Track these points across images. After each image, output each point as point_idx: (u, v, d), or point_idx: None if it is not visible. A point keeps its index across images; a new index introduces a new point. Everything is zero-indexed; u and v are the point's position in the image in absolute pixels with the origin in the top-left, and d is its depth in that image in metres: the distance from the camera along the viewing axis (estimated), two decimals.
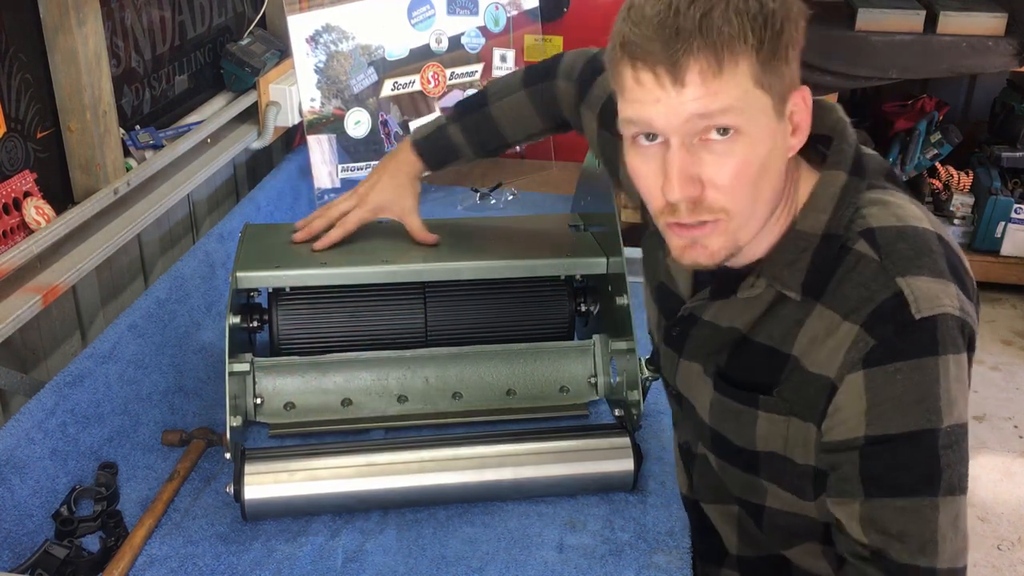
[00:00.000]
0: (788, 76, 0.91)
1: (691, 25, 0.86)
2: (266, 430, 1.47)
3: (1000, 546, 2.41)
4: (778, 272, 0.98)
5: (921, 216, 0.98)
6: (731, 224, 0.94)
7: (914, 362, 0.91)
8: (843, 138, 1.01)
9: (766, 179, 0.94)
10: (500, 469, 1.33)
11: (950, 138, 3.37)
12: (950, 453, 0.92)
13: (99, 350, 1.47)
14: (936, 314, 0.91)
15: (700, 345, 1.09)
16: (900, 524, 0.93)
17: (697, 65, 0.87)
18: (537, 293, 1.58)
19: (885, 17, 3.07)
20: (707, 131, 0.90)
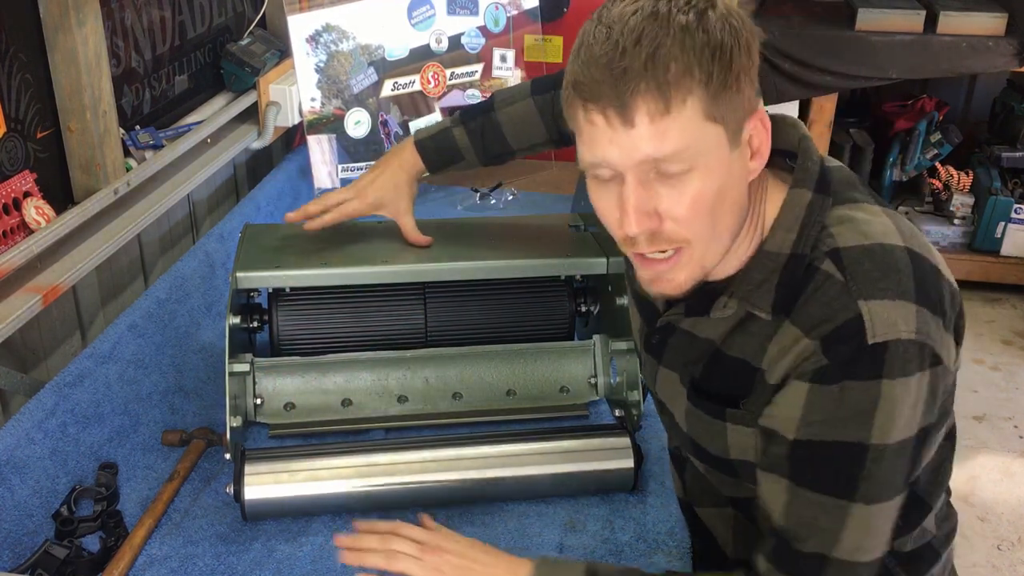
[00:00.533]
0: (743, 103, 0.92)
1: (638, 65, 0.87)
2: (266, 430, 1.47)
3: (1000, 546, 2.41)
4: (748, 293, 1.00)
5: (890, 230, 0.98)
6: (694, 253, 0.97)
7: (858, 383, 0.93)
8: (807, 156, 1.01)
9: (724, 207, 0.95)
10: (500, 469, 1.33)
11: (950, 138, 3.37)
12: (875, 466, 0.95)
13: (99, 350, 1.47)
14: (889, 340, 0.92)
15: (678, 354, 1.10)
16: (812, 517, 0.98)
17: (645, 105, 0.88)
18: (537, 293, 1.58)
19: (885, 17, 3.07)
20: (661, 166, 0.91)
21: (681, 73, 0.87)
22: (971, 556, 2.36)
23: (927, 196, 3.52)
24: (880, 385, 0.92)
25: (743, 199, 0.97)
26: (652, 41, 0.87)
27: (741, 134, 0.93)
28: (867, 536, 0.98)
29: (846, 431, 0.94)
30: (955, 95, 3.69)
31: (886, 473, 0.96)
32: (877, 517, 0.98)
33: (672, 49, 0.87)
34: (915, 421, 0.96)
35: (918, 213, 3.50)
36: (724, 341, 1.04)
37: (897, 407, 0.93)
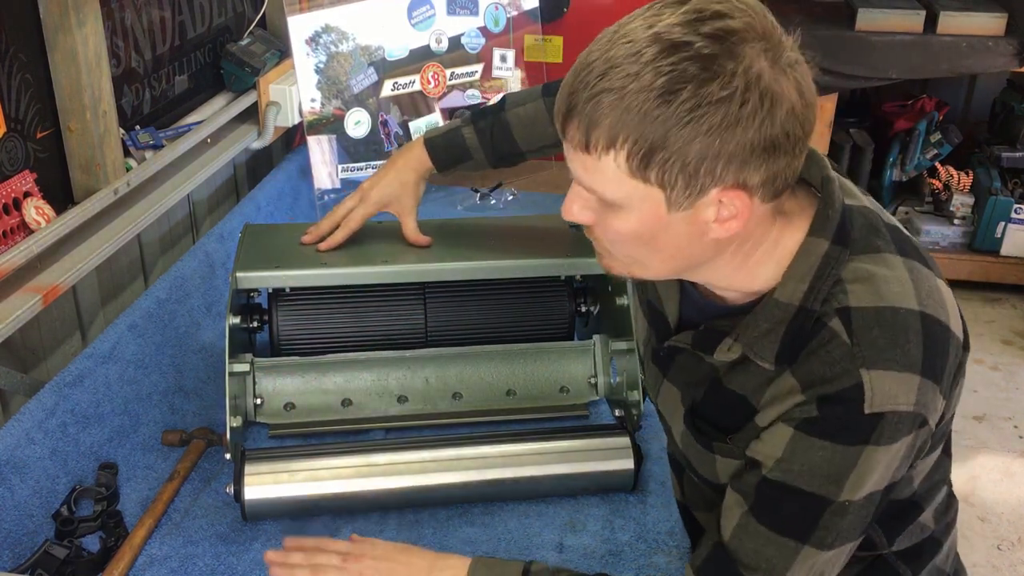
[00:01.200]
0: (702, 175, 0.87)
1: (581, 98, 0.88)
2: (266, 430, 1.47)
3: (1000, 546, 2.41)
4: (753, 342, 0.98)
5: (906, 290, 0.95)
6: (620, 262, 1.00)
7: (840, 447, 0.93)
8: (829, 202, 0.97)
9: (658, 247, 0.94)
10: (500, 469, 1.33)
11: (950, 138, 3.37)
12: (835, 519, 0.96)
13: (99, 350, 1.47)
14: (886, 411, 0.92)
15: (682, 373, 1.10)
16: (761, 547, 0.99)
17: (573, 135, 0.90)
18: (537, 293, 1.58)
19: (885, 17, 3.07)
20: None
21: (611, 125, 0.86)
22: (971, 556, 2.35)
23: (927, 196, 3.52)
24: (864, 450, 0.93)
25: (692, 249, 0.94)
26: (606, 84, 0.86)
27: (694, 200, 0.89)
28: (811, 573, 0.99)
29: (818, 485, 0.95)
30: (955, 95, 3.69)
31: (844, 524, 0.97)
32: (826, 561, 0.99)
33: (615, 107, 0.85)
34: (886, 478, 0.97)
35: (918, 213, 3.50)
36: (725, 374, 1.03)
37: (873, 470, 0.94)
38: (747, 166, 0.87)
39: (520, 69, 2.24)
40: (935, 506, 1.14)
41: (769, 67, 0.85)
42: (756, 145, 0.86)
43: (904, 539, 1.13)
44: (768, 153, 0.87)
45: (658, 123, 0.84)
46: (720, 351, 1.01)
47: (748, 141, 0.85)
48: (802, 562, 0.98)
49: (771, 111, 0.85)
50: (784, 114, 0.86)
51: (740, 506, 1.00)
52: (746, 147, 0.86)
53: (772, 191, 0.91)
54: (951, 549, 1.20)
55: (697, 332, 1.05)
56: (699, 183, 0.87)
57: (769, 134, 0.86)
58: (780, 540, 0.98)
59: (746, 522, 1.00)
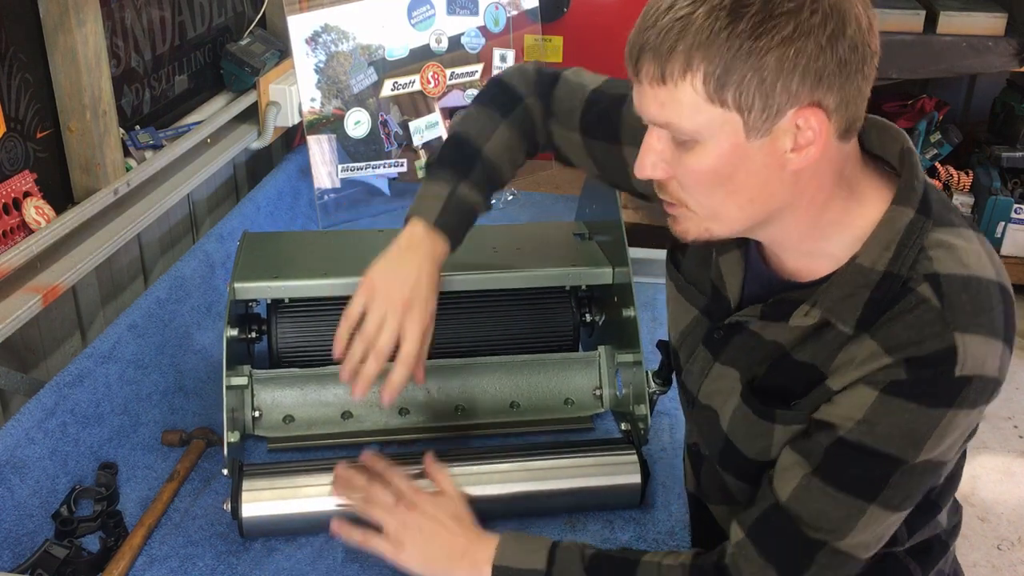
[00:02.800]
0: (778, 94, 0.87)
1: (653, 32, 0.89)
2: (264, 443, 1.45)
3: (1000, 546, 2.41)
4: (834, 305, 0.97)
5: (986, 263, 0.96)
6: (696, 217, 0.98)
7: (927, 410, 0.93)
8: (913, 173, 0.97)
9: (735, 188, 0.93)
10: (504, 485, 1.30)
11: (950, 138, 3.37)
12: (906, 478, 0.96)
13: (99, 350, 1.47)
14: (975, 375, 0.92)
15: (741, 353, 1.09)
16: (826, 507, 0.98)
17: (646, 68, 0.91)
18: (541, 304, 1.55)
19: (885, 17, 3.07)
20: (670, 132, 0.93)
21: (686, 49, 0.87)
22: (971, 556, 2.35)
23: None
24: (947, 413, 0.93)
25: (770, 188, 0.93)
26: (674, 14, 0.87)
27: (772, 124, 0.89)
28: (872, 535, 0.99)
29: (896, 446, 0.94)
30: (955, 95, 3.69)
31: (911, 486, 0.97)
32: (887, 521, 0.98)
33: (686, 32, 0.87)
34: (957, 446, 0.98)
35: None
36: (795, 346, 1.02)
37: (951, 432, 0.94)
38: (821, 84, 0.87)
39: None
40: (948, 507, 1.15)
41: None
42: (829, 59, 0.86)
43: (919, 535, 1.13)
44: (840, 70, 0.87)
45: (730, 41, 0.85)
46: (796, 317, 1.00)
47: (821, 54, 0.86)
48: (867, 522, 0.97)
49: (841, 22, 0.86)
50: (854, 27, 0.87)
51: (803, 467, 0.99)
52: (819, 60, 0.86)
53: (846, 121, 0.91)
54: (953, 552, 1.21)
55: (766, 304, 1.04)
56: (775, 102, 0.88)
57: (840, 47, 0.86)
58: (848, 500, 0.97)
59: (810, 483, 0.98)
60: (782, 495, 1.00)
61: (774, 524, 1.01)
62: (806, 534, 0.99)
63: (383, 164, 2.13)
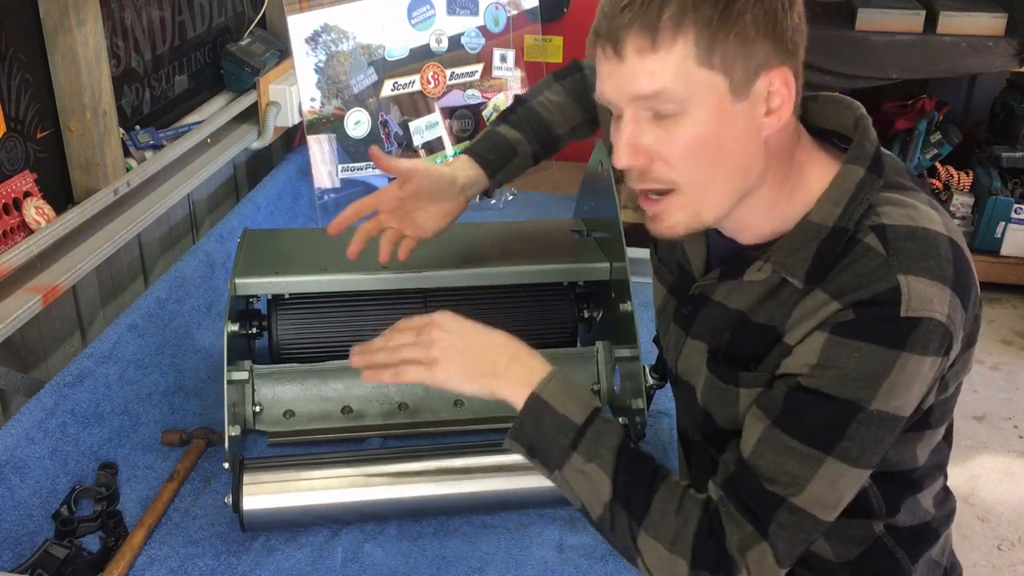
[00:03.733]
0: (754, 56, 0.92)
1: (636, 7, 0.91)
2: (265, 438, 1.46)
3: (1000, 546, 2.41)
4: (784, 259, 1.00)
5: (935, 219, 0.98)
6: (686, 199, 0.98)
7: (876, 348, 0.94)
8: (865, 135, 1.01)
9: (720, 156, 0.95)
10: (503, 479, 1.31)
11: (950, 138, 3.37)
12: (863, 429, 0.96)
13: (99, 350, 1.47)
14: (922, 316, 0.93)
15: (708, 324, 1.11)
16: (783, 459, 0.98)
17: (633, 42, 0.92)
18: (539, 299, 1.56)
19: (885, 17, 3.07)
20: (654, 106, 0.94)
21: (673, 15, 0.89)
22: (971, 556, 2.35)
23: None
24: (899, 356, 0.93)
25: (749, 153, 0.97)
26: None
27: (750, 86, 0.93)
28: (829, 493, 0.98)
29: (851, 390, 0.95)
30: (955, 95, 3.69)
31: (868, 439, 0.96)
32: (845, 477, 0.98)
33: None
34: (913, 401, 0.98)
35: None
36: (753, 308, 1.05)
37: (904, 380, 0.94)
38: (785, 47, 0.93)
39: (520, 69, 2.24)
40: (934, 492, 1.15)
41: None
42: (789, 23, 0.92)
43: (902, 517, 1.13)
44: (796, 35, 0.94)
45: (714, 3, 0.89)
46: (750, 272, 1.03)
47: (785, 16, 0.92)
48: (824, 476, 0.97)
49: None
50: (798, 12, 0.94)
51: (762, 420, 1.00)
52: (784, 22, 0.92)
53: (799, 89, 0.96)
54: (947, 542, 1.21)
55: (724, 266, 1.07)
56: (753, 63, 0.92)
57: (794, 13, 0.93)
58: (804, 450, 0.97)
59: (769, 434, 0.99)
60: (746, 450, 1.01)
61: (740, 480, 1.01)
62: (765, 488, 0.99)
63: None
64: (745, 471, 1.00)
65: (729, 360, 1.08)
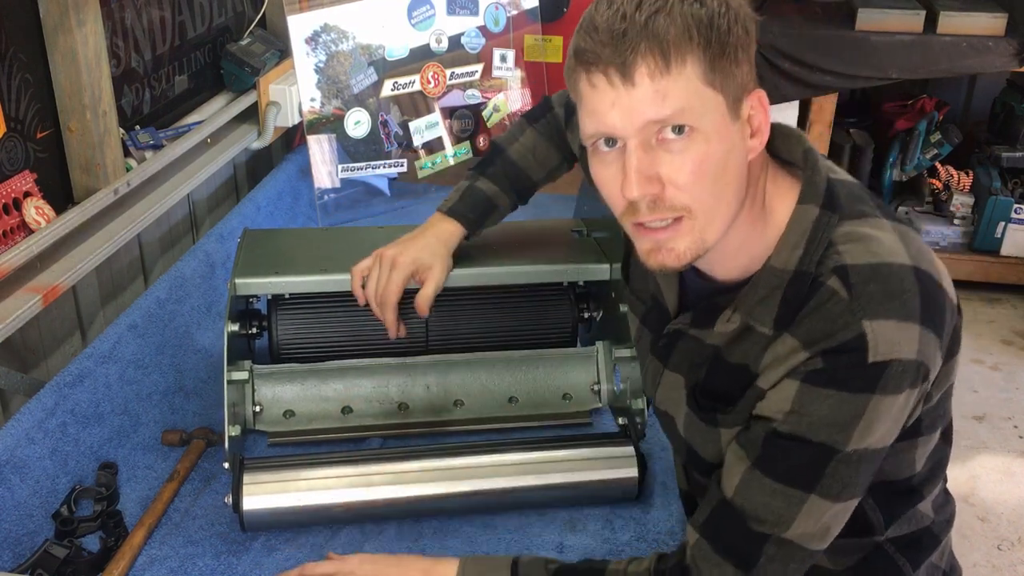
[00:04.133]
0: (740, 77, 0.94)
1: (638, 27, 0.90)
2: (265, 438, 1.46)
3: (1000, 546, 2.41)
4: (751, 309, 1.01)
5: (897, 248, 0.98)
6: (695, 223, 0.97)
7: (847, 395, 0.95)
8: (814, 170, 1.01)
9: (726, 177, 0.96)
10: (502, 479, 1.32)
11: (950, 138, 3.37)
12: (841, 467, 0.97)
13: (99, 350, 1.47)
14: (890, 359, 0.93)
15: (685, 358, 1.11)
16: (768, 499, 0.99)
17: (645, 64, 0.90)
18: (539, 299, 1.56)
19: (885, 17, 3.07)
20: (663, 130, 0.93)
21: (679, 35, 0.90)
22: (971, 556, 2.35)
23: (927, 196, 3.52)
24: (870, 399, 0.95)
25: (743, 176, 0.98)
26: (652, 7, 0.90)
27: (740, 108, 0.95)
28: (816, 526, 1.00)
29: (825, 434, 0.96)
30: (955, 95, 3.69)
31: (848, 475, 0.98)
32: (829, 511, 0.99)
33: (671, 15, 0.90)
34: (891, 433, 0.99)
35: (918, 213, 3.49)
36: (727, 347, 1.05)
37: (879, 419, 0.96)
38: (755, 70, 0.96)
39: (520, 69, 2.24)
40: (933, 497, 1.15)
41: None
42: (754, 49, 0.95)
43: (902, 525, 1.13)
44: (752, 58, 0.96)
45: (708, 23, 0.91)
46: (720, 322, 1.04)
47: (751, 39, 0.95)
48: (808, 512, 0.99)
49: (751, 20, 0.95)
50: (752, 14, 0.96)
51: (743, 461, 1.01)
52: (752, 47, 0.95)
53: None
54: (947, 546, 1.21)
55: (696, 311, 1.08)
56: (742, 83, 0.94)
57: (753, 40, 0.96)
58: (787, 491, 0.98)
59: (751, 476, 1.00)
60: (728, 491, 1.03)
61: (723, 520, 1.03)
62: (752, 528, 1.00)
63: (383, 164, 2.13)
64: (729, 512, 1.02)
65: (707, 396, 1.08)
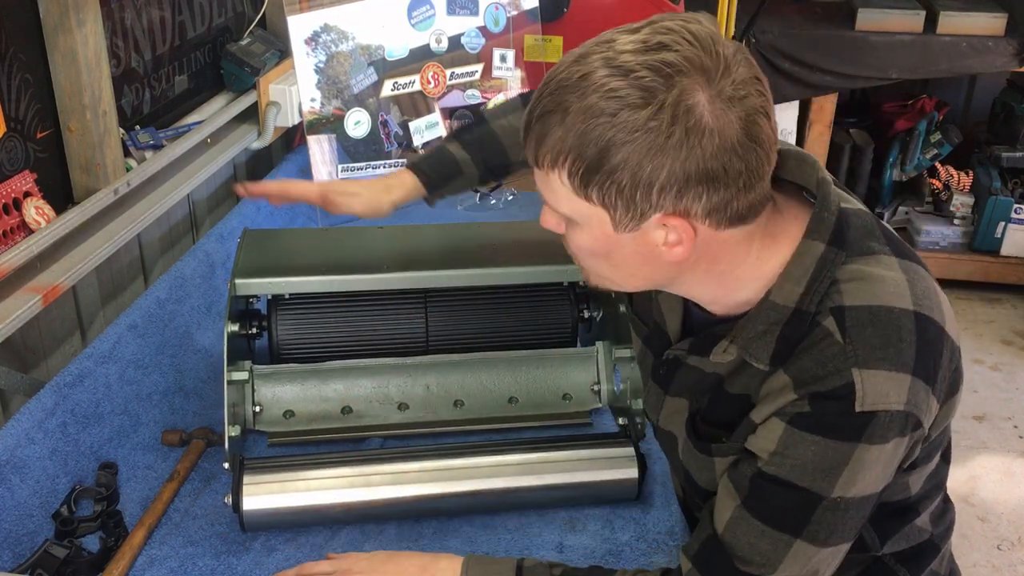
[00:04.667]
0: (639, 204, 0.89)
1: (533, 118, 0.91)
2: (265, 438, 1.46)
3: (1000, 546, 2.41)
4: (748, 343, 0.99)
5: (901, 290, 0.96)
6: (592, 274, 1.02)
7: (831, 442, 0.94)
8: (824, 204, 0.98)
9: (616, 265, 0.97)
10: (502, 480, 1.31)
11: (950, 138, 3.37)
12: (828, 514, 0.97)
13: (99, 350, 1.47)
14: (877, 410, 0.92)
15: (686, 385, 1.11)
16: (755, 540, 0.99)
17: (528, 149, 0.93)
18: (539, 299, 1.56)
19: (885, 17, 3.07)
20: None
21: (551, 148, 0.90)
22: (971, 556, 2.36)
23: (927, 196, 3.52)
24: (856, 448, 0.93)
25: (649, 270, 0.97)
26: (554, 102, 0.89)
27: (639, 223, 0.91)
28: (804, 569, 1.00)
29: (810, 480, 0.95)
30: (955, 95, 3.69)
31: (837, 522, 0.97)
32: (821, 559, 0.99)
33: (559, 125, 0.88)
34: (880, 480, 0.98)
35: (918, 213, 3.50)
36: (728, 377, 1.04)
37: (865, 468, 0.95)
38: (684, 195, 0.88)
39: (520, 69, 2.24)
40: (931, 510, 1.14)
41: (708, 101, 0.86)
42: (689, 175, 0.87)
43: (899, 541, 1.13)
44: (705, 184, 0.88)
45: (595, 144, 0.87)
46: (716, 353, 1.02)
47: (677, 170, 0.87)
48: (795, 556, 0.98)
49: (699, 143, 0.86)
50: (715, 148, 0.86)
51: (734, 499, 1.01)
52: (676, 176, 0.87)
53: (725, 219, 0.91)
54: (947, 552, 1.21)
55: (695, 339, 1.06)
56: (638, 208, 0.90)
57: (700, 166, 0.87)
58: (774, 534, 0.98)
59: (740, 515, 1.00)
60: (719, 525, 1.03)
61: (713, 555, 1.03)
62: (739, 568, 1.01)
63: (383, 164, 2.13)
64: (718, 547, 1.02)
65: (709, 423, 1.08)
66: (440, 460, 1.33)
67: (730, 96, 0.86)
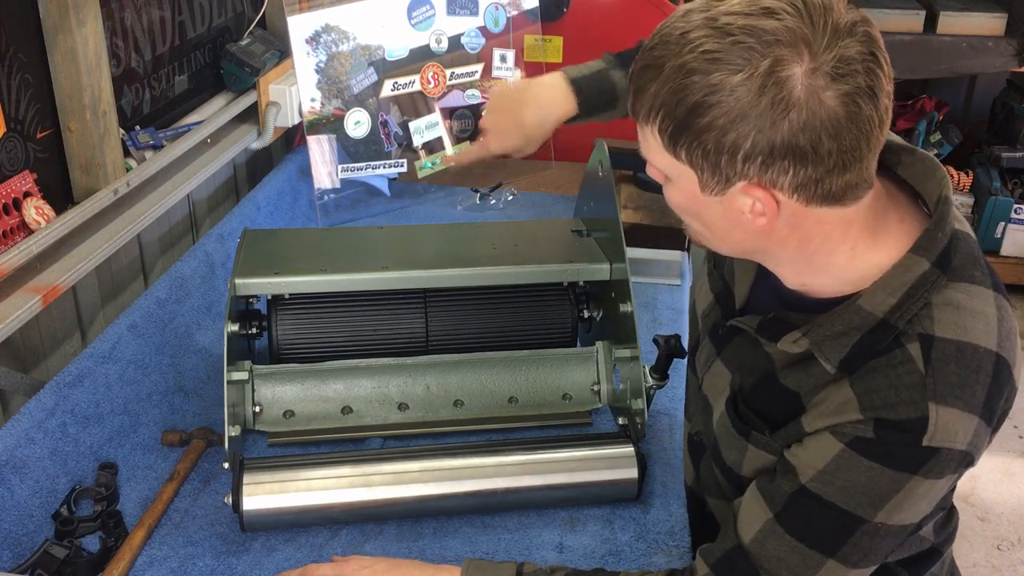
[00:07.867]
0: (724, 166, 0.88)
1: (636, 68, 0.91)
2: (265, 438, 1.46)
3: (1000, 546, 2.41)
4: (823, 341, 0.96)
5: (991, 329, 0.93)
6: (690, 229, 1.02)
7: (889, 472, 0.92)
8: (940, 224, 0.94)
9: (706, 225, 0.97)
10: (502, 480, 1.31)
11: (950, 138, 3.38)
12: (865, 539, 0.95)
13: (99, 350, 1.47)
14: (942, 447, 0.91)
15: (737, 355, 1.09)
16: (785, 555, 0.98)
17: (629, 101, 0.94)
18: (539, 299, 1.56)
19: (885, 17, 3.07)
20: None
21: (646, 102, 0.90)
22: (971, 556, 2.36)
23: None
24: (911, 479, 0.92)
25: (738, 236, 0.96)
26: (653, 57, 0.89)
27: (725, 189, 0.90)
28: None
29: (855, 504, 0.94)
30: (955, 95, 3.69)
31: (872, 546, 0.96)
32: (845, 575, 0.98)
33: (654, 79, 0.88)
34: (923, 512, 0.97)
35: None
36: (783, 368, 1.02)
37: (914, 500, 0.94)
38: (769, 166, 0.86)
39: (520, 69, 2.24)
40: (933, 521, 1.14)
41: (804, 75, 0.83)
42: (774, 146, 0.85)
43: (901, 551, 1.12)
44: (792, 159, 0.85)
45: (684, 103, 0.86)
46: (785, 341, 0.99)
47: (762, 141, 0.85)
48: (824, 573, 0.97)
49: (784, 116, 0.83)
50: (803, 123, 0.84)
51: (765, 512, 0.99)
52: (761, 146, 0.85)
53: (816, 197, 0.89)
54: (948, 557, 1.21)
55: (765, 318, 1.03)
56: (723, 172, 0.88)
57: (785, 140, 0.84)
58: (806, 551, 0.97)
59: (772, 529, 0.99)
60: (745, 537, 1.01)
61: (736, 564, 1.02)
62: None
63: (383, 164, 2.13)
64: (743, 558, 1.01)
65: (749, 407, 1.06)
66: (440, 460, 1.33)
67: (830, 72, 0.83)
